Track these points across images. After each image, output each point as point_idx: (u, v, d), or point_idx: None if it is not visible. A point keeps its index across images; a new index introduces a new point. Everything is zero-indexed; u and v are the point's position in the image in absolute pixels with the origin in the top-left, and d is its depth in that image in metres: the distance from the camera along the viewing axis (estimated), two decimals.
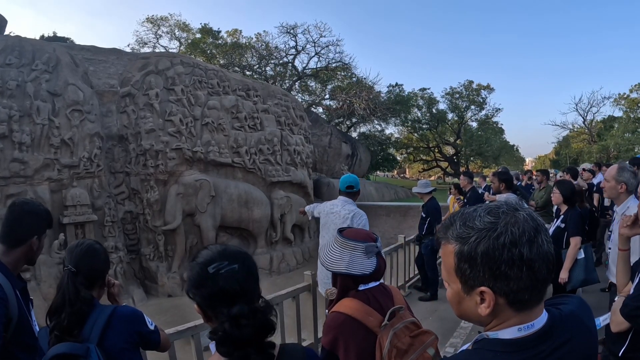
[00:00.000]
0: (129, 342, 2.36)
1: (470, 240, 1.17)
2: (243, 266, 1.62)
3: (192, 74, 16.04)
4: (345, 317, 2.26)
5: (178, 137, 14.88)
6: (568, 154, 58.07)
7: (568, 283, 5.34)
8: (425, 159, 56.82)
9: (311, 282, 5.92)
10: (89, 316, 2.28)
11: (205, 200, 14.90)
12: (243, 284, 1.57)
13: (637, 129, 48.28)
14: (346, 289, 2.42)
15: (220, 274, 1.55)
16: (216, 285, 1.55)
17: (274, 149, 17.98)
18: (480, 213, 1.21)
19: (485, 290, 1.17)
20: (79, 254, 2.41)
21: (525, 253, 1.12)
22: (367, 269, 2.34)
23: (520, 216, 1.17)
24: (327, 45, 36.51)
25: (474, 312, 1.24)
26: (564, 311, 1.29)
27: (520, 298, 1.17)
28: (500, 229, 1.14)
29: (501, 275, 1.14)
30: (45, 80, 12.91)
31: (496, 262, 1.13)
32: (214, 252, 1.65)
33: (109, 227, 13.55)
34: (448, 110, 51.12)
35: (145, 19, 37.87)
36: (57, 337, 2.20)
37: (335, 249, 2.44)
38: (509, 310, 1.19)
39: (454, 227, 1.24)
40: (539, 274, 1.14)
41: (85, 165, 13.11)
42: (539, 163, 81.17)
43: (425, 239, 8.93)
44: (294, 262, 17.80)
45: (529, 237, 1.13)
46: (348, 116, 38.11)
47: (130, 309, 2.52)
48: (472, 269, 1.18)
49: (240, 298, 1.53)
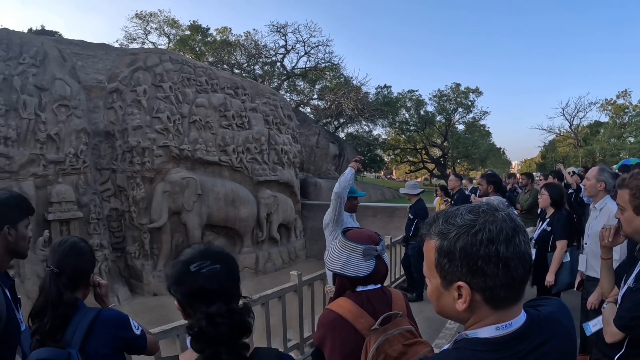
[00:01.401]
0: (112, 347, 2.30)
1: (450, 235, 1.21)
2: (224, 266, 1.64)
3: (181, 71, 15.98)
4: (336, 315, 2.27)
5: (165, 135, 14.82)
6: (554, 157, 58.73)
7: (554, 286, 5.40)
8: (413, 160, 57.02)
9: (297, 282, 5.94)
10: (72, 319, 2.21)
11: (192, 198, 14.87)
12: (223, 284, 1.59)
13: (623, 134, 48.99)
14: (343, 288, 2.43)
15: (202, 273, 1.57)
16: (196, 284, 1.57)
17: (262, 148, 17.99)
18: (462, 211, 1.25)
19: (462, 285, 1.20)
20: (62, 253, 2.32)
21: (502, 251, 1.15)
22: (362, 271, 2.34)
23: (499, 216, 1.20)
24: (316, 45, 36.63)
25: (452, 308, 1.26)
26: (543, 312, 1.31)
27: (497, 295, 1.19)
28: (479, 226, 1.17)
29: (478, 271, 1.17)
30: (33, 74, 12.81)
31: (473, 257, 1.16)
32: (196, 251, 1.67)
33: (94, 225, 13.46)
34: (436, 112, 51.34)
35: (134, 14, 37.79)
36: (39, 342, 2.12)
37: (336, 248, 2.46)
38: (485, 308, 1.22)
39: (437, 224, 1.27)
40: (514, 272, 1.17)
41: (71, 162, 13.03)
42: (525, 166, 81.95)
43: (413, 240, 8.94)
44: (280, 262, 17.80)
45: (507, 235, 1.16)
46: (336, 116, 38.22)
47: (115, 313, 2.43)
48: (451, 263, 1.21)
49: (219, 298, 1.55)
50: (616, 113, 52.28)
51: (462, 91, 50.65)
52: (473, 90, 50.83)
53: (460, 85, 50.64)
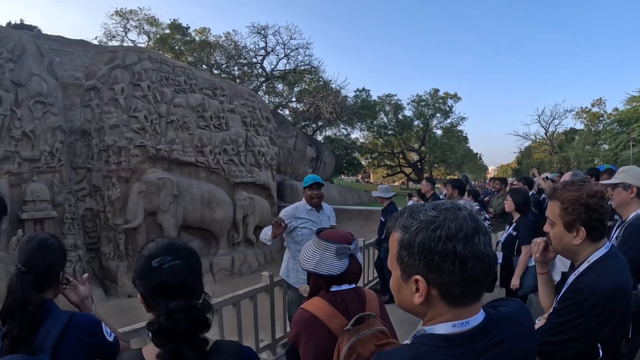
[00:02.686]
0: (84, 354, 2.16)
1: (411, 229, 1.25)
2: (186, 262, 1.68)
3: (160, 70, 15.90)
4: (310, 315, 2.31)
5: (142, 134, 14.72)
6: (530, 163, 59.39)
7: (519, 289, 5.50)
8: (390, 164, 57.30)
9: (269, 282, 5.97)
10: (44, 322, 2.08)
11: (168, 199, 14.80)
12: (184, 280, 1.64)
13: (597, 141, 49.75)
14: (318, 288, 2.48)
15: (163, 269, 1.62)
16: (158, 279, 1.62)
17: (239, 149, 17.96)
18: (426, 207, 1.28)
19: (419, 279, 1.23)
20: (30, 250, 2.18)
21: (459, 248, 1.18)
22: (335, 270, 2.38)
23: (460, 214, 1.23)
24: (296, 48, 36.67)
25: (410, 301, 1.29)
26: (502, 312, 1.34)
27: (452, 292, 1.22)
28: (439, 222, 1.21)
29: (435, 266, 1.20)
30: (9, 69, 12.62)
31: (431, 252, 1.19)
32: (159, 246, 1.72)
33: (68, 224, 13.31)
34: (414, 117, 51.67)
35: (114, 11, 37.39)
36: (9, 347, 1.98)
37: (309, 248, 2.50)
38: (442, 304, 1.25)
39: (402, 218, 1.31)
40: (471, 271, 1.19)
41: (47, 160, 12.85)
42: (501, 171, 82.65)
43: (385, 242, 8.97)
44: (255, 264, 17.73)
45: (466, 234, 1.19)
46: (314, 119, 38.19)
47: (88, 318, 2.28)
48: (410, 256, 1.24)
49: (180, 293, 1.59)
50: (591, 121, 53.33)
51: (441, 96, 51.15)
52: (452, 95, 51.36)
53: (439, 91, 51.13)
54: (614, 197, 3.47)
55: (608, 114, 50.96)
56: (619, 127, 42.40)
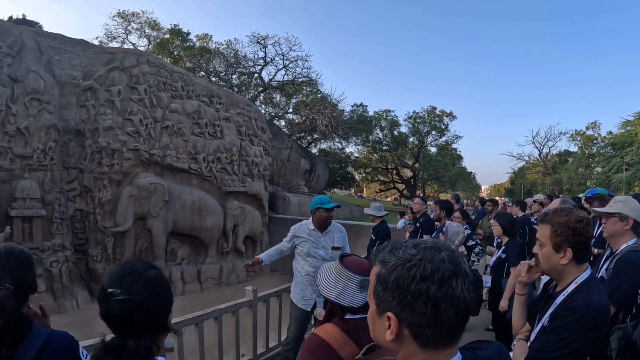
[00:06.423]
0: None
1: (389, 265, 1.22)
2: (137, 296, 1.63)
3: (157, 74, 15.91)
4: (321, 341, 2.27)
5: (136, 138, 14.69)
6: (522, 184, 59.95)
7: (507, 311, 5.49)
8: (383, 179, 57.54)
9: (252, 297, 5.92)
10: (24, 340, 1.96)
11: (158, 204, 14.75)
12: (128, 315, 1.61)
13: (591, 164, 50.23)
14: (333, 314, 2.43)
15: (111, 301, 1.61)
16: (105, 307, 1.63)
17: (232, 158, 17.93)
18: (408, 244, 1.25)
19: (390, 316, 1.20)
20: (15, 266, 2.07)
21: (433, 290, 1.14)
22: (357, 302, 2.33)
23: (439, 256, 1.19)
24: (295, 60, 36.94)
25: (382, 336, 1.26)
26: (480, 356, 1.31)
27: (423, 334, 1.18)
28: (415, 261, 1.18)
29: (407, 305, 1.17)
30: (8, 64, 12.60)
31: (404, 291, 1.17)
32: (118, 273, 1.70)
33: (57, 224, 13.20)
34: (409, 133, 51.97)
35: (116, 13, 37.57)
36: None
37: (331, 275, 2.44)
38: (413, 344, 1.21)
39: (383, 252, 1.28)
40: (444, 315, 1.16)
41: (39, 157, 12.77)
42: (495, 191, 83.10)
43: None
44: (243, 274, 17.54)
45: (442, 277, 1.15)
46: (310, 132, 38.33)
47: (65, 338, 2.16)
48: (384, 292, 1.22)
49: (121, 327, 1.61)
50: (585, 144, 53.94)
51: (437, 114, 51.48)
52: (448, 114, 51.77)
53: (436, 109, 51.44)
54: (606, 226, 3.48)
55: (602, 137, 51.53)
56: (613, 150, 42.90)
